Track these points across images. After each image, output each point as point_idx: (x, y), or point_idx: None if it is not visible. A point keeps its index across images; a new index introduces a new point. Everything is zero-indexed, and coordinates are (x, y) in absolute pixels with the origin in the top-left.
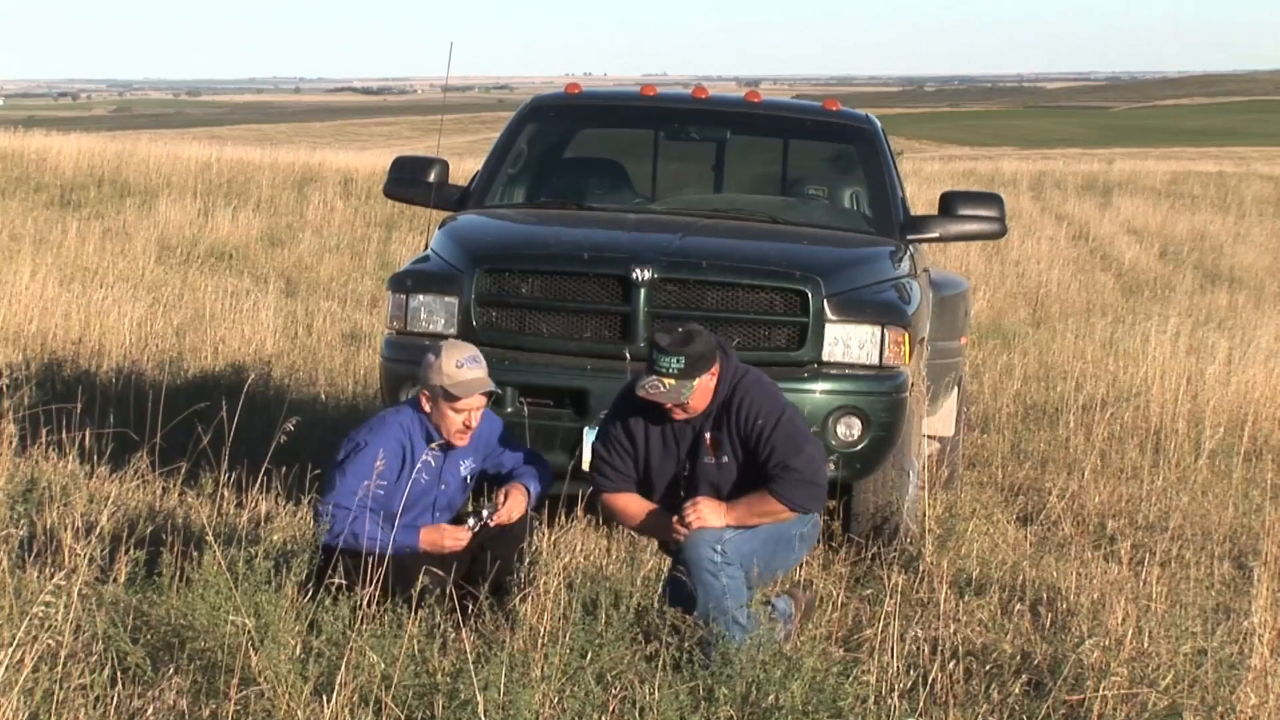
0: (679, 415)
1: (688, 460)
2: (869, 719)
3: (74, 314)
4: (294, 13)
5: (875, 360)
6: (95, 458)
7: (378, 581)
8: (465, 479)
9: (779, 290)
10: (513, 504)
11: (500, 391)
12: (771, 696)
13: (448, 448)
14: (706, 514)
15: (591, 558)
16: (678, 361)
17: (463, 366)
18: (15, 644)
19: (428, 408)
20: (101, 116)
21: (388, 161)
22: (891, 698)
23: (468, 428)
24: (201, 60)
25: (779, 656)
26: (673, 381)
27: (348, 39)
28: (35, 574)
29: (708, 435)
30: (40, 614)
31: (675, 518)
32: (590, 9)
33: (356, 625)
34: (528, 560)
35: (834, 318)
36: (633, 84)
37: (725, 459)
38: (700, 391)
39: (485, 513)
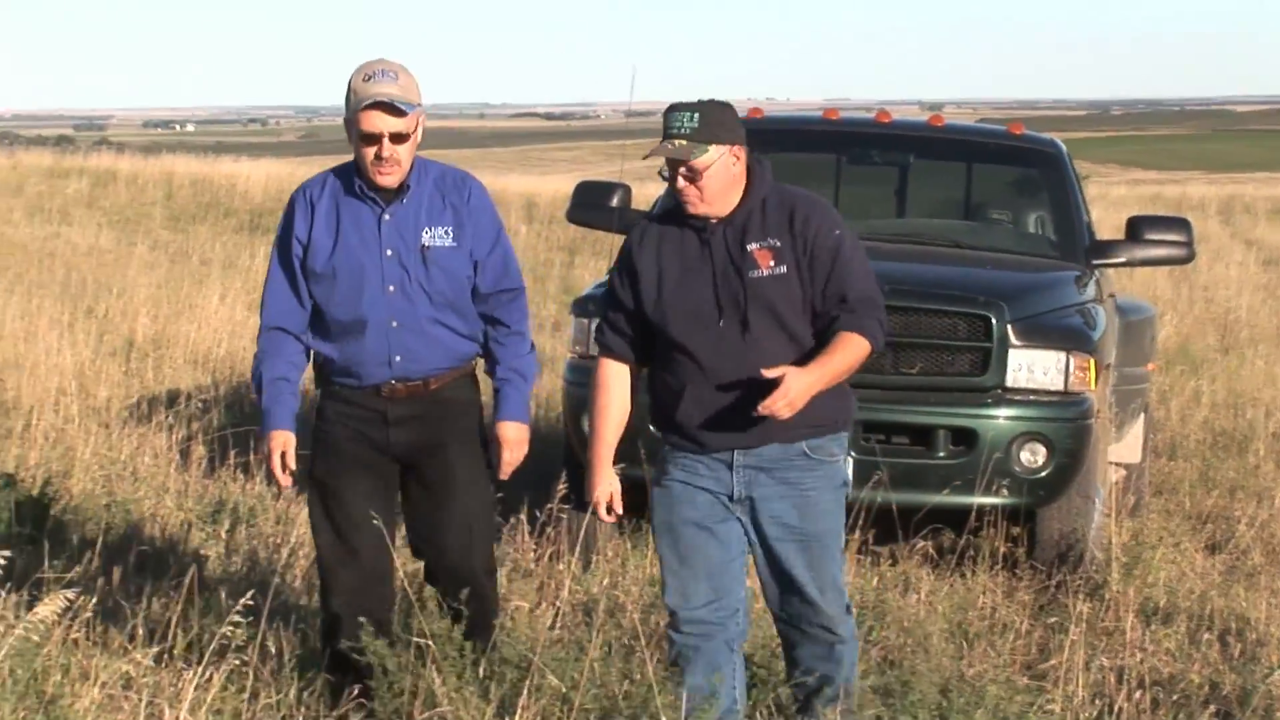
0: (692, 201)
1: (730, 282)
2: None
3: None
4: (478, 39)
5: (1060, 386)
6: None
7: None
8: (423, 248)
9: (962, 315)
10: (512, 452)
11: (412, 111)
12: None
13: (388, 200)
14: (798, 392)
15: None
16: (690, 118)
17: (370, 79)
18: (205, 663)
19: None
20: (290, 142)
21: (571, 186)
22: None
23: (381, 159)
24: None
25: (962, 684)
26: (685, 142)
27: (531, 64)
28: (223, 593)
29: (753, 246)
30: (228, 633)
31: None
32: (772, 34)
33: (539, 648)
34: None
35: (1018, 343)
36: (815, 108)
37: (784, 269)
38: (719, 170)
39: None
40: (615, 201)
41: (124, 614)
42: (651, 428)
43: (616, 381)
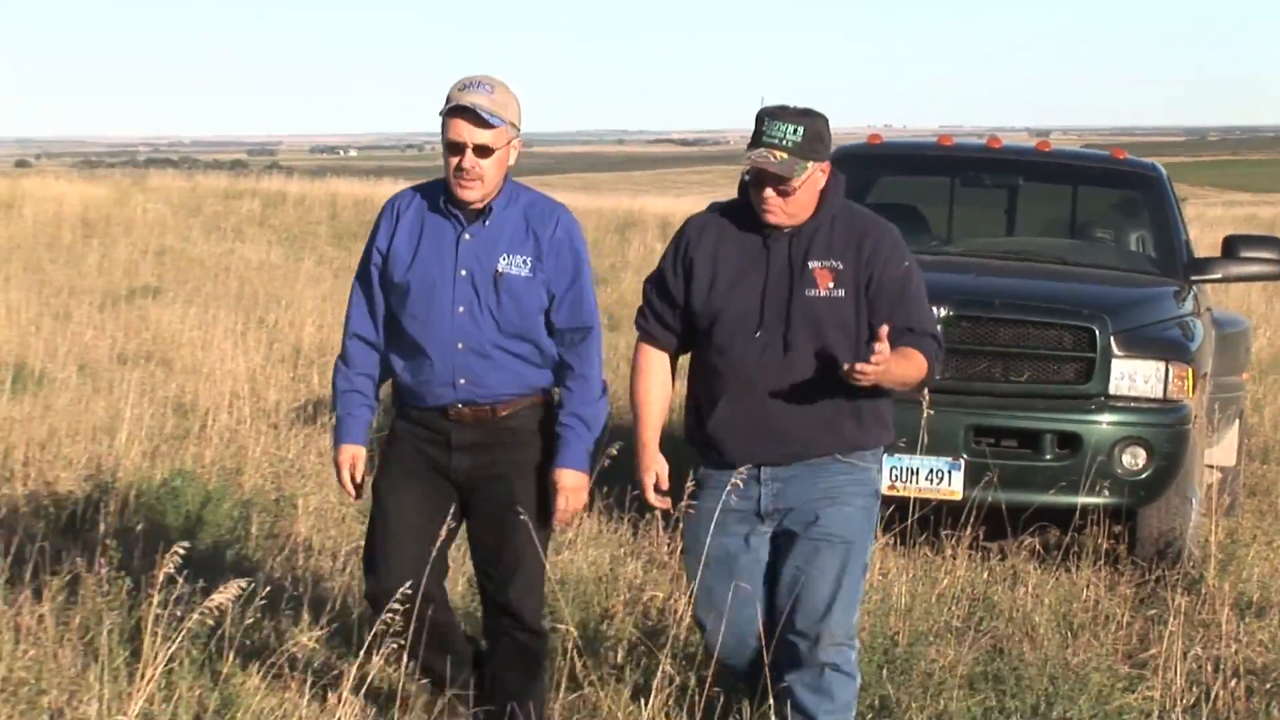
0: (774, 212)
1: (782, 294)
2: None
3: None
4: (618, 70)
5: (1160, 394)
6: None
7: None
8: (496, 273)
9: (1068, 327)
10: (569, 500)
11: (499, 126)
12: (1059, 709)
13: (470, 220)
14: (885, 370)
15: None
16: (795, 132)
17: (465, 89)
18: (365, 646)
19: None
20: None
21: (701, 207)
22: (1175, 713)
23: (462, 170)
24: (534, 114)
25: (1067, 671)
26: (786, 156)
27: (667, 94)
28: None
29: (815, 264)
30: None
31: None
32: (890, 65)
33: (671, 635)
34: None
35: (1120, 353)
36: (930, 135)
37: (842, 293)
38: (809, 186)
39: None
40: None
41: (292, 599)
42: (688, 442)
43: (657, 367)
